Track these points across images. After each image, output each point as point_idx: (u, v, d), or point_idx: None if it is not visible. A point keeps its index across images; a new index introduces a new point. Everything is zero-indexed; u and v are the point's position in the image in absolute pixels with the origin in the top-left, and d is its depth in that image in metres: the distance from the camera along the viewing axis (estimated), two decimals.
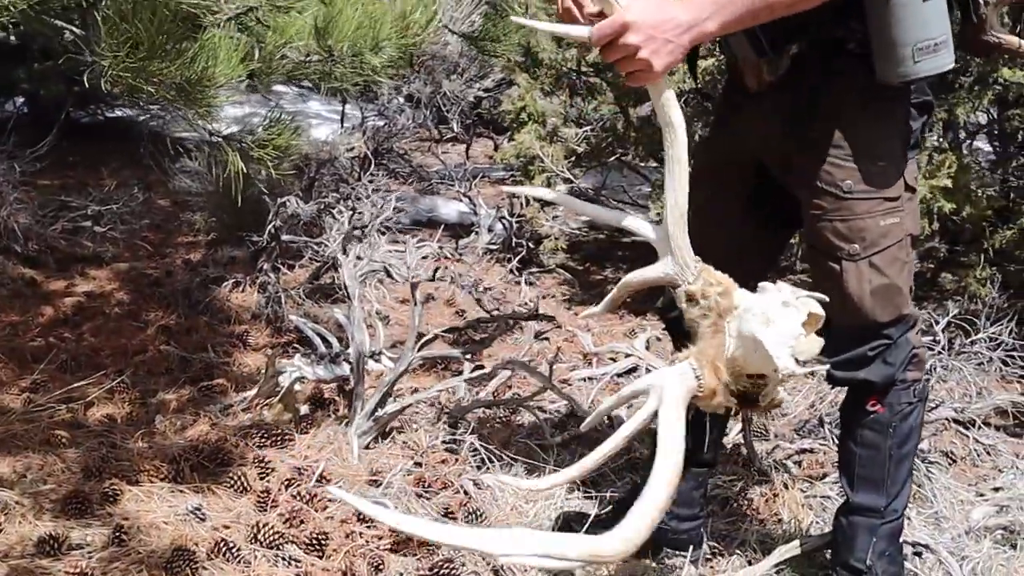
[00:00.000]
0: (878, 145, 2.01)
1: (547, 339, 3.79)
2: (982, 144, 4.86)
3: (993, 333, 3.40)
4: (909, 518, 2.52)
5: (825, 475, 2.88)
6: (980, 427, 3.22)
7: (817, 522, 2.64)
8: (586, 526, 2.42)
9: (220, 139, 2.28)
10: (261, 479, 2.62)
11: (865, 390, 2.13)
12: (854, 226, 2.01)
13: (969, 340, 3.40)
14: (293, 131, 2.14)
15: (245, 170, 2.18)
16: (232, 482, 2.58)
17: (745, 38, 1.99)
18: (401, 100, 5.57)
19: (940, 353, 3.34)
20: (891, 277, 2.04)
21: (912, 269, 2.13)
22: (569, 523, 2.45)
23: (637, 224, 1.88)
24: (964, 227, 3.90)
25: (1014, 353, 3.39)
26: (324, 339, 3.47)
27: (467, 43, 2.81)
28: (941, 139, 3.99)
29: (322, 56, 2.02)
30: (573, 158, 4.42)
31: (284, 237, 4.11)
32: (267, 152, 2.21)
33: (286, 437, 2.84)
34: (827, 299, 1.72)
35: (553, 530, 2.48)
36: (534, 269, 4.50)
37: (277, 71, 2.04)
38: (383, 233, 4.35)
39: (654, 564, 2.41)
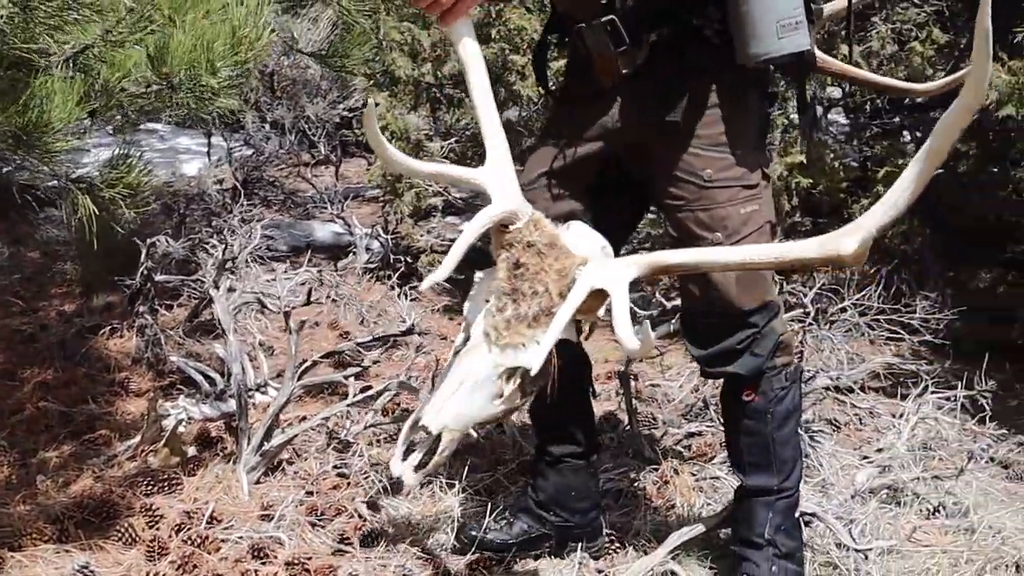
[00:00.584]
0: (736, 134, 2.04)
1: (431, 352, 3.78)
2: (838, 117, 5.02)
3: (859, 299, 3.52)
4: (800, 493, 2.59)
5: (714, 457, 2.94)
6: (857, 392, 3.33)
7: (709, 503, 2.69)
8: (482, 530, 2.42)
9: (68, 183, 2.21)
10: (150, 528, 2.54)
11: (738, 381, 2.17)
12: (716, 215, 2.03)
13: (838, 307, 3.50)
14: (142, 168, 2.08)
15: (97, 212, 2.13)
16: (120, 535, 2.50)
17: (604, 30, 1.97)
18: (267, 128, 5.49)
19: (811, 325, 3.44)
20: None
21: None
22: (468, 532, 2.45)
23: (459, 172, 1.88)
24: (823, 199, 4.03)
25: (880, 317, 3.51)
26: (208, 377, 3.40)
27: (317, 62, 2.78)
28: (793, 117, 4.11)
29: (160, 85, 1.98)
30: None
31: (158, 277, 4.01)
32: (117, 191, 2.15)
33: (173, 481, 2.76)
34: None
35: (454, 540, 2.47)
36: (415, 283, 4.49)
37: (115, 107, 1.99)
38: (261, 263, 4.30)
39: (555, 559, 2.43)
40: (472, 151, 4.48)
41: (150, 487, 2.73)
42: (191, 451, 2.99)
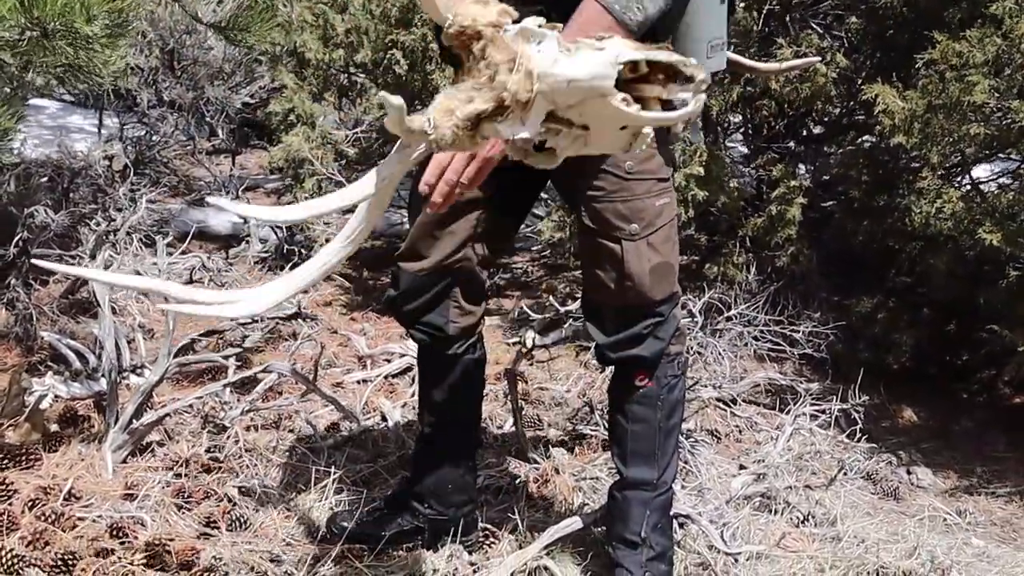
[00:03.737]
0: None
1: (319, 342, 3.71)
2: (737, 144, 5.13)
3: (744, 310, 3.59)
4: (674, 492, 2.61)
5: (596, 459, 2.95)
6: (740, 404, 3.39)
7: (587, 503, 2.69)
8: (354, 521, 2.38)
9: None
10: (0, 501, 2.42)
11: (635, 366, 2.18)
12: (634, 207, 2.04)
13: (724, 316, 3.56)
14: (13, 113, 1.98)
15: None
16: None
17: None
18: (163, 108, 5.33)
19: (699, 332, 3.49)
20: (665, 255, 2.09)
21: (678, 248, 2.19)
22: (339, 523, 2.40)
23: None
24: (721, 217, 4.10)
25: (765, 330, 3.58)
26: (80, 355, 3.27)
27: (217, 35, 2.71)
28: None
29: (34, 31, 1.89)
30: (344, 161, 4.36)
31: (34, 251, 3.85)
32: None
33: (31, 457, 2.64)
34: None
35: (325, 530, 2.42)
36: None
37: None
38: (147, 244, 4.16)
39: (429, 552, 2.39)
40: (378, 144, 4.43)
41: (5, 462, 2.60)
42: (54, 428, 2.86)
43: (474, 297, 2.21)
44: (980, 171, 3.86)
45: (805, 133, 4.52)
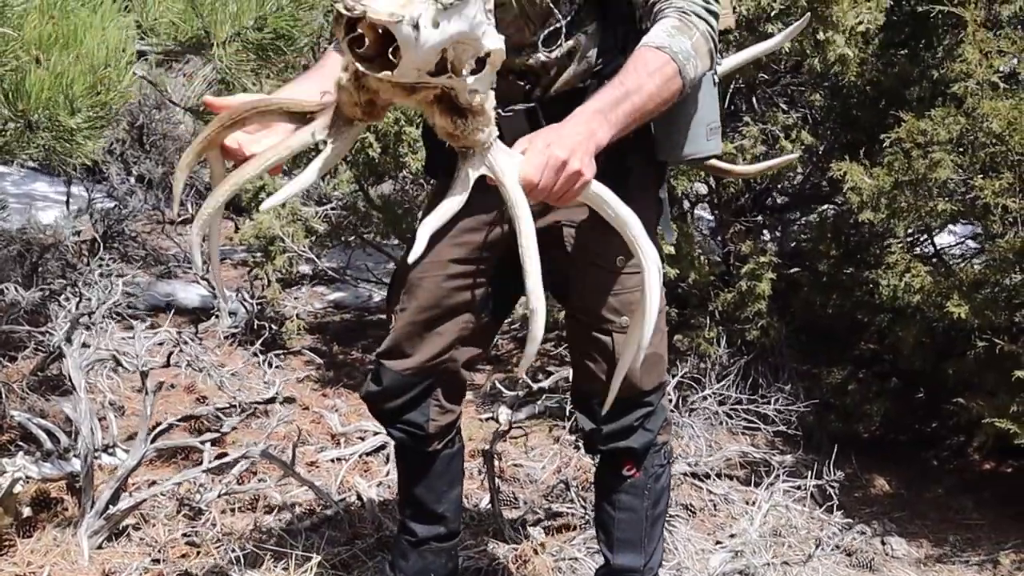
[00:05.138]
0: (644, 222, 2.04)
1: (293, 422, 3.69)
2: (704, 213, 5.21)
3: (719, 389, 3.62)
4: None
5: (574, 538, 2.94)
6: (714, 479, 3.40)
7: None
8: None
9: None
10: None
11: (623, 455, 2.18)
12: (624, 300, 2.04)
13: (700, 395, 3.60)
14: None
15: None
16: None
17: (524, 118, 1.92)
18: (132, 181, 5.33)
19: (673, 411, 3.52)
20: (655, 346, 2.05)
21: (667, 338, 2.20)
22: None
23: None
24: (692, 292, 4.15)
25: (738, 407, 3.61)
26: (52, 435, 3.22)
27: (193, 119, 2.73)
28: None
29: (17, 122, 1.90)
30: (315, 237, 4.37)
31: (4, 327, 3.82)
32: None
33: (6, 543, 2.60)
34: None
35: None
36: (279, 351, 4.39)
37: None
38: (117, 320, 4.13)
39: None
40: (347, 221, 4.45)
41: None
42: (27, 512, 2.82)
43: (454, 396, 2.18)
44: (946, 236, 3.96)
45: (770, 202, 4.61)
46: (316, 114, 1.60)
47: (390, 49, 1.36)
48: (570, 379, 2.40)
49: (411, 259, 1.55)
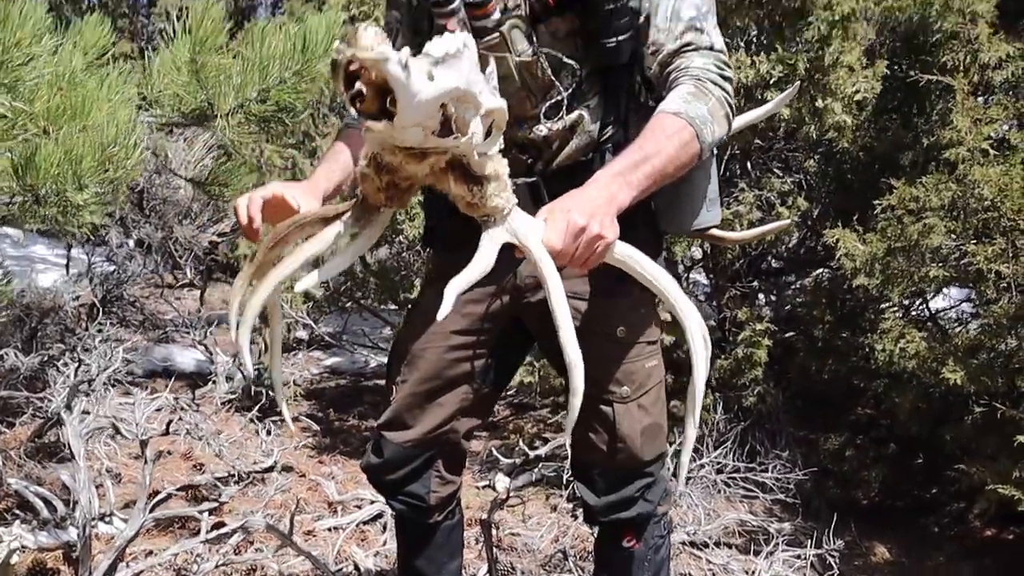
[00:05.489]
0: (643, 293, 2.06)
1: (290, 490, 3.68)
2: (699, 277, 5.23)
3: (716, 456, 3.61)
4: None
5: None
6: (712, 548, 3.38)
7: None
8: None
9: None
10: None
11: (624, 526, 2.17)
12: (625, 370, 2.03)
13: (698, 463, 3.58)
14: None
15: None
16: None
17: (527, 192, 1.92)
18: (131, 245, 5.36)
19: (671, 480, 3.50)
20: (655, 416, 2.08)
21: (667, 408, 2.18)
22: None
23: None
24: (688, 359, 4.13)
25: (736, 476, 3.60)
26: (48, 502, 3.21)
27: (195, 188, 2.76)
28: None
29: (25, 196, 1.92)
30: (312, 303, 4.39)
31: (2, 393, 3.82)
32: None
33: None
34: None
35: None
36: (275, 418, 4.38)
37: None
38: (113, 386, 4.13)
39: None
40: (344, 287, 4.47)
41: None
42: None
43: (455, 467, 2.18)
44: (941, 300, 3.98)
45: (765, 267, 4.64)
46: (347, 210, 1.68)
47: (388, 100, 1.39)
48: (567, 447, 2.40)
49: (439, 316, 1.53)
